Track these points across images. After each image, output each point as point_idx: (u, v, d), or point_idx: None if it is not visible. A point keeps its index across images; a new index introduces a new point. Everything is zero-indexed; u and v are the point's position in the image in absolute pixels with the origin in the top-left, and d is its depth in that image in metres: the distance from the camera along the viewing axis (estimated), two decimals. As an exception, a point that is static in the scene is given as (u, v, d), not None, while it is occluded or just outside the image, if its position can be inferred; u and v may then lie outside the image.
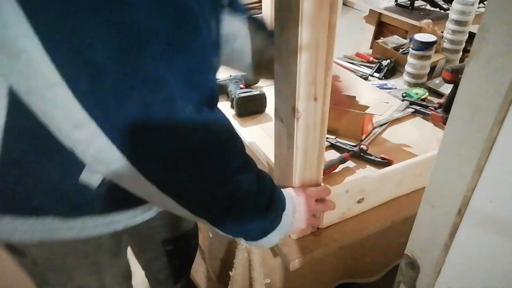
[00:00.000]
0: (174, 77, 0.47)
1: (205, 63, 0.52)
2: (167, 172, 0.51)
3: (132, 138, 0.46)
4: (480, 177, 0.37)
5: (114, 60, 0.43)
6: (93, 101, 0.44)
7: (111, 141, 0.46)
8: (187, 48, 0.48)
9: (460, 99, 0.37)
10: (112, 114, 0.45)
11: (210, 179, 0.55)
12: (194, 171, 0.53)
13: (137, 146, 0.47)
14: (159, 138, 0.48)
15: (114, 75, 0.43)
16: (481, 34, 0.33)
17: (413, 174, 0.86)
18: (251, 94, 1.15)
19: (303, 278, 0.89)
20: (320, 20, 0.54)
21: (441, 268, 0.46)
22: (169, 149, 0.49)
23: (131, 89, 0.44)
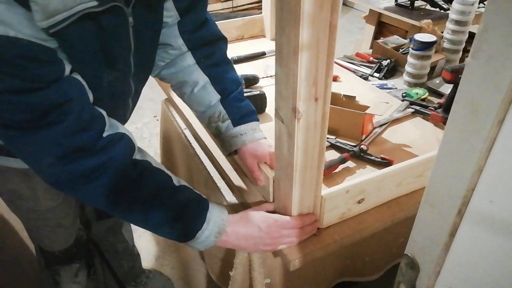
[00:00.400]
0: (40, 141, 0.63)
1: (74, 126, 0.65)
2: (62, 189, 0.72)
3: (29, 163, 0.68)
4: (480, 177, 0.37)
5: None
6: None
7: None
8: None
9: (460, 99, 0.37)
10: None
11: (101, 203, 0.70)
12: (86, 198, 0.75)
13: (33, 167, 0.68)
14: (43, 178, 0.68)
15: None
16: (481, 34, 0.33)
17: (413, 175, 0.86)
18: (251, 94, 1.14)
19: (303, 278, 0.89)
20: (321, 20, 0.54)
21: (441, 268, 0.46)
22: (52, 184, 0.68)
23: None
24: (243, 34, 1.70)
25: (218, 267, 1.09)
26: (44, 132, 0.61)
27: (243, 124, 0.89)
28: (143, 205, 0.70)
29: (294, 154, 0.65)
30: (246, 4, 3.82)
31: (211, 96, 0.90)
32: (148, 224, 0.72)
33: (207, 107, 0.90)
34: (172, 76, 0.92)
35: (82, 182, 0.66)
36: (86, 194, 0.68)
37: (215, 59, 0.91)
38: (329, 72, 0.59)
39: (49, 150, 0.63)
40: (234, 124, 0.89)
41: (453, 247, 0.43)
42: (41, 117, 0.60)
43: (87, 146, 0.65)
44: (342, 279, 0.99)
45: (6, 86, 0.56)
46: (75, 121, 0.63)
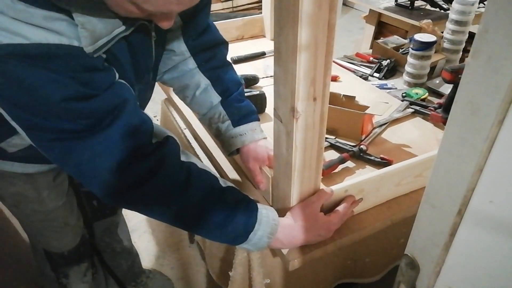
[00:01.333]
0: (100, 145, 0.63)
1: (131, 127, 0.66)
2: (114, 203, 0.71)
3: (81, 180, 0.68)
4: (480, 177, 0.37)
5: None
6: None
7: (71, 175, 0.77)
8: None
9: (460, 99, 0.37)
10: (63, 165, 0.69)
11: (153, 208, 0.70)
12: (137, 205, 0.70)
13: (86, 185, 0.68)
14: (96, 187, 0.66)
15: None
16: (481, 34, 0.33)
17: (412, 175, 0.86)
18: (251, 94, 1.14)
19: (302, 278, 0.89)
20: (320, 20, 0.54)
21: (441, 268, 0.46)
22: (106, 193, 0.67)
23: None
24: (243, 34, 1.70)
25: (218, 266, 1.09)
26: (101, 135, 0.61)
27: (242, 124, 0.89)
28: (193, 208, 0.69)
29: (293, 154, 0.65)
30: (246, 4, 3.82)
31: (212, 98, 0.91)
32: (200, 229, 0.71)
33: (208, 108, 0.91)
34: (174, 80, 0.93)
35: (136, 186, 0.66)
36: (138, 199, 0.68)
37: (216, 62, 0.93)
38: (327, 72, 0.59)
39: (108, 154, 0.63)
40: (234, 124, 0.89)
41: (453, 247, 0.43)
42: (99, 121, 0.61)
43: (142, 148, 0.66)
44: (342, 280, 0.98)
45: (72, 93, 0.58)
46: (130, 121, 0.64)
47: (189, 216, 0.70)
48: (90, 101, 0.60)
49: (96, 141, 0.62)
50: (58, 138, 0.61)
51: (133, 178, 0.65)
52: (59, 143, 0.61)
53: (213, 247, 1.13)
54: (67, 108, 0.58)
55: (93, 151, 0.62)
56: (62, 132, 0.60)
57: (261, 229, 0.71)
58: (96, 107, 0.61)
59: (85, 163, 0.63)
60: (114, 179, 0.64)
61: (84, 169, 0.64)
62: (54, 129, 0.60)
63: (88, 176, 0.65)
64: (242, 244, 0.71)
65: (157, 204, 0.69)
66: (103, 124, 0.61)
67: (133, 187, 0.66)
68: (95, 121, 0.61)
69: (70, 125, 0.60)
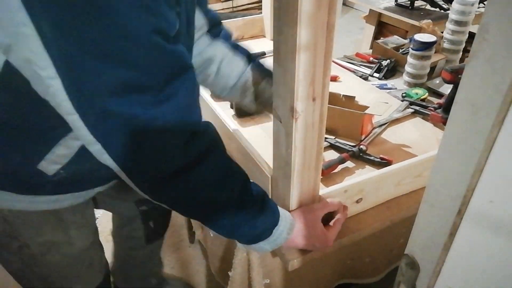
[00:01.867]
0: (164, 116, 0.55)
1: (192, 99, 0.60)
2: (158, 191, 0.62)
3: (129, 162, 0.57)
4: (480, 177, 0.37)
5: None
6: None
7: (114, 160, 0.56)
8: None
9: (460, 99, 0.37)
10: (113, 142, 0.55)
11: (199, 196, 0.62)
12: (184, 193, 0.61)
13: (133, 168, 0.58)
14: (152, 166, 0.58)
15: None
16: (481, 34, 0.33)
17: (412, 175, 0.86)
18: (250, 94, 1.14)
19: (302, 278, 0.89)
20: (319, 20, 0.53)
21: (441, 268, 0.45)
22: (160, 175, 0.58)
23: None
24: (243, 34, 1.69)
25: (219, 265, 1.09)
26: (167, 106, 0.54)
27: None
28: (232, 199, 0.65)
29: (292, 154, 0.65)
30: (246, 4, 3.82)
31: (239, 66, 0.89)
32: (236, 222, 0.66)
33: (238, 77, 0.89)
34: (195, 59, 0.88)
35: (193, 165, 0.59)
36: (189, 184, 0.60)
37: (227, 34, 0.92)
38: (326, 72, 0.59)
39: (176, 126, 0.56)
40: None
41: (453, 247, 0.43)
42: (172, 78, 0.54)
43: (198, 125, 0.61)
44: (342, 280, 0.98)
45: (160, 25, 0.51)
46: (192, 90, 0.59)
47: (231, 206, 0.65)
48: (171, 44, 0.53)
49: (164, 111, 0.54)
50: (125, 102, 0.51)
51: (192, 155, 0.59)
52: (123, 108, 0.52)
53: (214, 246, 1.13)
54: (154, 44, 0.50)
55: (160, 124, 0.54)
56: (131, 89, 0.51)
57: (282, 224, 0.69)
58: (176, 51, 0.54)
59: (150, 138, 0.55)
60: (175, 156, 0.58)
61: (146, 145, 0.56)
62: (128, 84, 0.50)
63: (148, 155, 0.57)
64: (264, 240, 0.68)
65: (204, 190, 0.62)
66: (172, 86, 0.54)
67: (189, 166, 0.59)
68: (168, 77, 0.54)
69: (148, 78, 0.52)
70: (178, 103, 0.55)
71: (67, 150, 0.66)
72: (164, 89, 0.53)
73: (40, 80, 0.50)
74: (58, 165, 0.68)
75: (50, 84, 0.50)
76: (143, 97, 0.52)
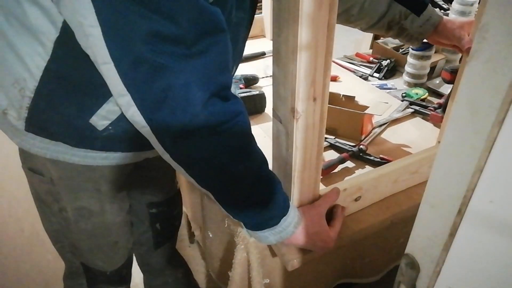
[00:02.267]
0: (194, 69, 0.56)
1: (223, 61, 0.60)
2: (179, 148, 0.62)
3: (155, 113, 0.58)
4: (480, 177, 0.37)
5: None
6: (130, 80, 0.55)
7: (140, 112, 0.57)
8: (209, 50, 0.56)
9: (460, 99, 0.37)
10: (142, 91, 0.56)
11: (218, 159, 0.62)
12: (204, 152, 0.62)
13: (158, 120, 0.58)
14: (176, 119, 0.58)
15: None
16: (481, 34, 0.33)
17: (408, 172, 0.87)
18: (250, 94, 1.15)
19: (302, 278, 0.89)
20: (320, 20, 0.54)
21: (441, 268, 0.45)
22: (183, 129, 0.59)
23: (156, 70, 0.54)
24: (243, 34, 1.69)
25: (218, 266, 1.09)
26: (197, 61, 0.56)
27: (424, 10, 0.94)
28: (251, 174, 0.65)
29: (293, 154, 0.65)
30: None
31: (382, 2, 0.93)
32: (248, 200, 0.66)
33: (382, 14, 0.94)
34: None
35: (218, 126, 0.60)
36: (215, 144, 0.61)
37: None
38: (327, 71, 0.59)
39: (203, 83, 0.57)
40: (418, 14, 0.93)
41: (453, 247, 0.43)
42: (201, 35, 0.55)
43: (228, 87, 0.61)
44: (342, 280, 0.98)
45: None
46: (224, 53, 0.59)
47: (248, 182, 0.65)
48: (208, 1, 0.54)
49: (194, 65, 0.56)
50: (157, 51, 0.53)
51: (216, 116, 0.59)
52: (154, 57, 0.53)
53: (213, 247, 1.13)
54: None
55: (188, 77, 0.56)
56: (164, 39, 0.53)
57: (291, 215, 0.68)
58: (211, 10, 0.55)
59: (177, 89, 0.56)
60: (199, 111, 0.58)
61: (173, 95, 0.56)
62: (160, 33, 0.52)
63: (173, 106, 0.57)
64: (270, 229, 0.68)
65: (225, 156, 0.62)
66: (204, 43, 0.55)
67: (212, 126, 0.60)
68: (201, 33, 0.55)
69: (180, 30, 0.53)
70: (208, 60, 0.56)
71: (115, 106, 0.68)
72: (196, 44, 0.54)
73: (82, 29, 0.53)
74: (108, 121, 0.70)
75: (90, 33, 0.52)
76: (174, 48, 0.53)
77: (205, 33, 0.55)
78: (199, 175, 0.66)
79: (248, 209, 0.67)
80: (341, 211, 0.78)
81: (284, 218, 0.68)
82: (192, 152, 0.62)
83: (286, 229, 0.68)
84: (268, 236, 0.68)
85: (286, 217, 0.68)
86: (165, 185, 1.09)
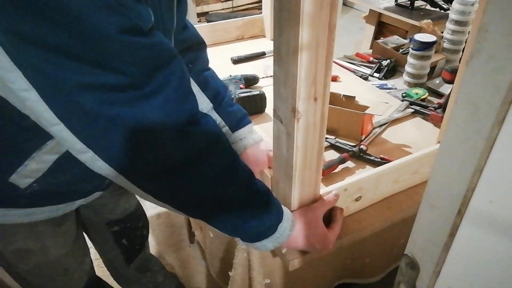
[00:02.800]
0: (154, 111, 0.52)
1: (184, 88, 0.56)
2: (162, 189, 0.58)
3: (125, 163, 0.53)
4: (480, 177, 0.37)
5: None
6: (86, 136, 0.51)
7: (109, 164, 0.53)
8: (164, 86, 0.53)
9: (460, 99, 0.37)
10: (104, 145, 0.52)
11: (204, 189, 0.59)
12: (188, 187, 0.58)
13: (130, 169, 0.54)
14: (149, 163, 0.54)
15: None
16: (481, 34, 0.33)
17: (409, 171, 0.87)
18: (251, 94, 1.15)
19: (302, 278, 0.89)
20: (321, 20, 0.54)
21: (441, 268, 0.46)
22: (160, 171, 0.55)
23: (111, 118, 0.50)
24: (243, 34, 1.70)
25: (219, 266, 1.09)
26: (155, 100, 0.52)
27: (240, 128, 0.87)
28: (244, 194, 0.62)
29: (294, 154, 0.65)
30: (246, 4, 3.83)
31: (202, 104, 0.85)
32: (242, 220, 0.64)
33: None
34: None
35: (196, 158, 0.56)
36: (197, 178, 0.58)
37: (202, 64, 0.88)
38: (328, 72, 0.59)
39: (168, 119, 0.53)
40: (232, 130, 0.86)
41: (453, 247, 0.43)
42: (156, 69, 0.51)
43: (195, 110, 0.58)
44: (343, 280, 0.99)
45: (127, 23, 0.47)
46: (183, 78, 0.55)
47: (238, 204, 0.62)
48: (148, 37, 0.50)
49: (153, 105, 0.51)
50: (107, 102, 0.49)
51: (192, 148, 0.56)
52: (106, 110, 0.49)
53: (214, 247, 1.13)
54: (125, 42, 0.47)
55: (150, 118, 0.52)
56: (112, 89, 0.49)
57: (285, 220, 0.67)
58: (154, 44, 0.51)
59: (141, 135, 0.52)
60: (172, 150, 0.55)
61: (138, 143, 0.53)
62: (107, 85, 0.48)
63: (139, 157, 0.54)
64: (268, 238, 0.66)
65: (209, 187, 0.59)
66: (158, 79, 0.52)
67: (190, 160, 0.57)
68: (151, 71, 0.51)
69: (125, 76, 0.49)
70: (167, 94, 0.53)
71: (40, 164, 0.65)
72: (149, 84, 0.51)
73: (14, 94, 0.48)
74: (31, 179, 0.65)
75: (25, 97, 0.48)
76: (124, 95, 0.50)
77: (156, 70, 0.52)
78: (189, 209, 0.63)
79: (244, 226, 0.64)
80: (340, 213, 0.78)
81: (281, 225, 0.67)
82: (176, 189, 0.59)
83: (283, 234, 0.67)
84: (267, 244, 0.67)
85: (282, 223, 0.67)
86: (119, 203, 1.05)
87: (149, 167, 0.55)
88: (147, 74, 0.51)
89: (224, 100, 0.87)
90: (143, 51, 0.49)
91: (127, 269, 1.16)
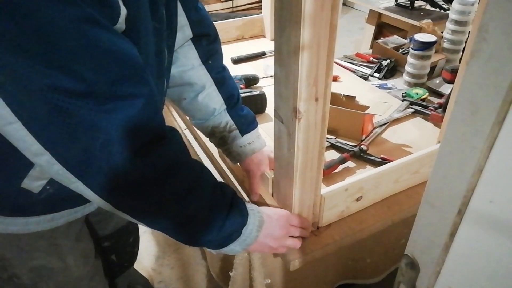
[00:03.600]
0: (112, 126, 0.50)
1: (150, 107, 0.53)
2: (121, 201, 0.56)
3: (82, 171, 0.51)
4: (480, 177, 0.37)
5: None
6: (47, 141, 0.49)
7: (66, 169, 0.51)
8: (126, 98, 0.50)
9: (460, 99, 0.37)
10: (62, 150, 0.50)
11: (166, 208, 0.58)
12: (148, 205, 0.57)
13: (89, 178, 0.52)
14: (108, 177, 0.52)
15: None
16: (481, 34, 0.33)
17: (409, 171, 0.87)
18: (251, 94, 1.15)
19: (303, 278, 0.89)
20: (322, 20, 0.54)
21: (441, 268, 0.46)
22: (119, 185, 0.53)
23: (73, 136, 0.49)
24: (243, 34, 1.70)
25: (219, 266, 1.09)
26: (116, 117, 0.49)
27: (249, 132, 0.86)
28: (206, 206, 0.61)
29: (295, 154, 0.65)
30: (246, 4, 3.82)
31: (216, 104, 0.83)
32: (204, 230, 0.62)
33: (210, 115, 0.84)
34: (175, 70, 0.80)
35: (154, 182, 0.55)
36: (150, 198, 0.56)
37: (219, 60, 0.85)
38: (329, 72, 0.59)
39: (129, 138, 0.50)
40: (242, 133, 0.85)
41: (453, 247, 0.43)
42: (110, 88, 0.48)
43: (161, 128, 0.55)
44: (343, 280, 0.99)
45: (81, 13, 0.44)
46: (149, 96, 0.52)
47: (202, 216, 0.61)
48: (109, 32, 0.47)
49: (112, 121, 0.49)
50: (63, 108, 0.46)
51: (151, 168, 0.54)
52: (63, 116, 0.46)
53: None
54: (81, 35, 0.43)
55: (108, 135, 0.49)
56: (71, 95, 0.46)
57: (251, 222, 0.66)
58: (118, 48, 0.47)
59: (97, 150, 0.49)
60: (133, 170, 0.52)
61: (94, 157, 0.50)
62: (61, 88, 0.45)
63: (96, 166, 0.51)
64: (234, 242, 0.65)
65: (174, 204, 0.58)
66: (121, 93, 0.49)
67: (148, 180, 0.55)
68: (114, 80, 0.48)
69: (82, 84, 0.46)
70: (130, 114, 0.50)
71: None
72: (110, 98, 0.48)
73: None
74: (43, 181, 0.63)
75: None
76: (83, 104, 0.47)
77: (118, 82, 0.48)
78: (149, 222, 0.61)
79: (207, 236, 0.63)
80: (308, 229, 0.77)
81: (245, 227, 0.66)
82: (132, 204, 0.57)
83: (250, 236, 0.66)
84: (234, 248, 0.66)
85: (247, 226, 0.66)
86: (110, 219, 1.04)
87: (107, 181, 0.53)
88: (108, 83, 0.48)
89: (238, 103, 0.87)
90: (102, 51, 0.46)
91: (111, 283, 1.13)
